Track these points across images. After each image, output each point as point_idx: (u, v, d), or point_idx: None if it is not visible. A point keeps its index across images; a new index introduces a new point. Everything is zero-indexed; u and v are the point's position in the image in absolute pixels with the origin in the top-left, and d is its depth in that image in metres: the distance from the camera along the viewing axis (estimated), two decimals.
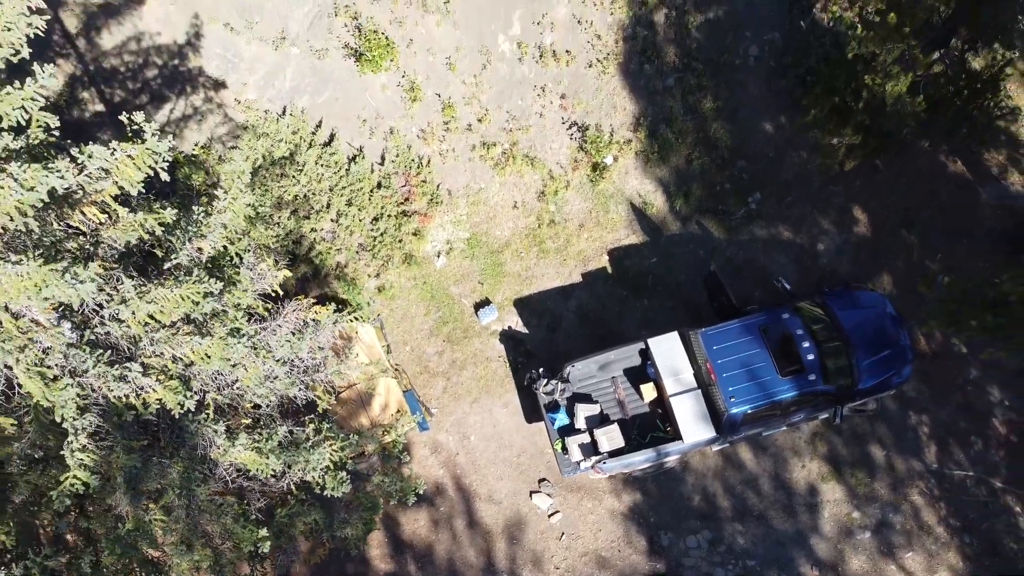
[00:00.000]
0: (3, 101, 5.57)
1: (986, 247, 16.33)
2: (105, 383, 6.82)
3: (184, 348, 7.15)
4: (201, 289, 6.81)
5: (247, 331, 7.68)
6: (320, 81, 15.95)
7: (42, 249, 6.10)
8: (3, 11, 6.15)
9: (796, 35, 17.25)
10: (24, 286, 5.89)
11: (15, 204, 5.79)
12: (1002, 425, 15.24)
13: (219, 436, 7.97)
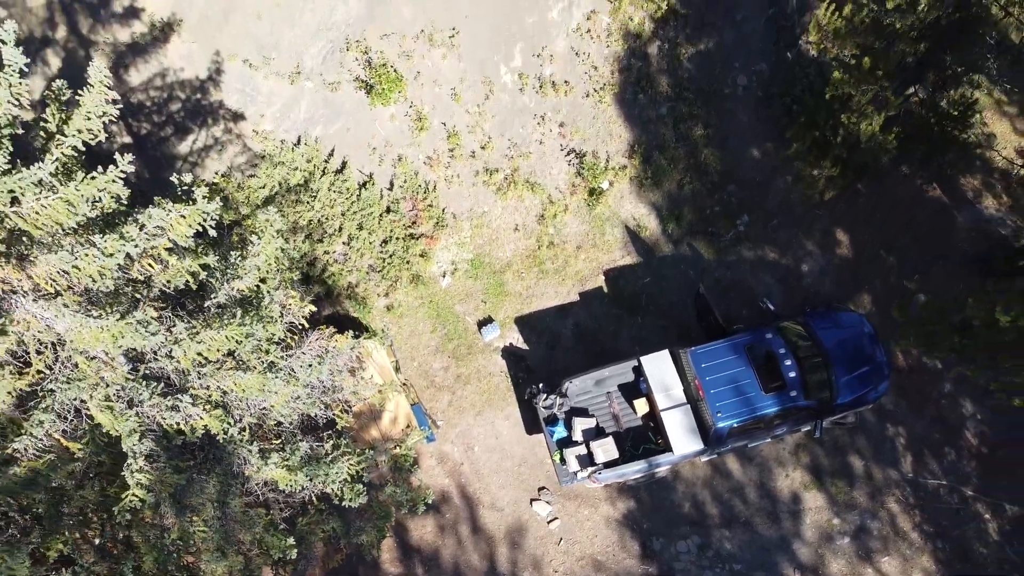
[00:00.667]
0: (89, 185, 6.47)
1: (961, 269, 17.31)
2: (159, 412, 7.79)
3: (228, 381, 8.12)
4: (243, 331, 7.78)
5: (282, 366, 8.64)
6: (333, 112, 16.92)
7: (119, 305, 7.07)
8: (86, 102, 7.06)
9: (783, 66, 18.24)
10: (103, 337, 6.85)
11: (97, 269, 6.76)
12: (973, 437, 16.23)
13: (253, 456, 8.94)
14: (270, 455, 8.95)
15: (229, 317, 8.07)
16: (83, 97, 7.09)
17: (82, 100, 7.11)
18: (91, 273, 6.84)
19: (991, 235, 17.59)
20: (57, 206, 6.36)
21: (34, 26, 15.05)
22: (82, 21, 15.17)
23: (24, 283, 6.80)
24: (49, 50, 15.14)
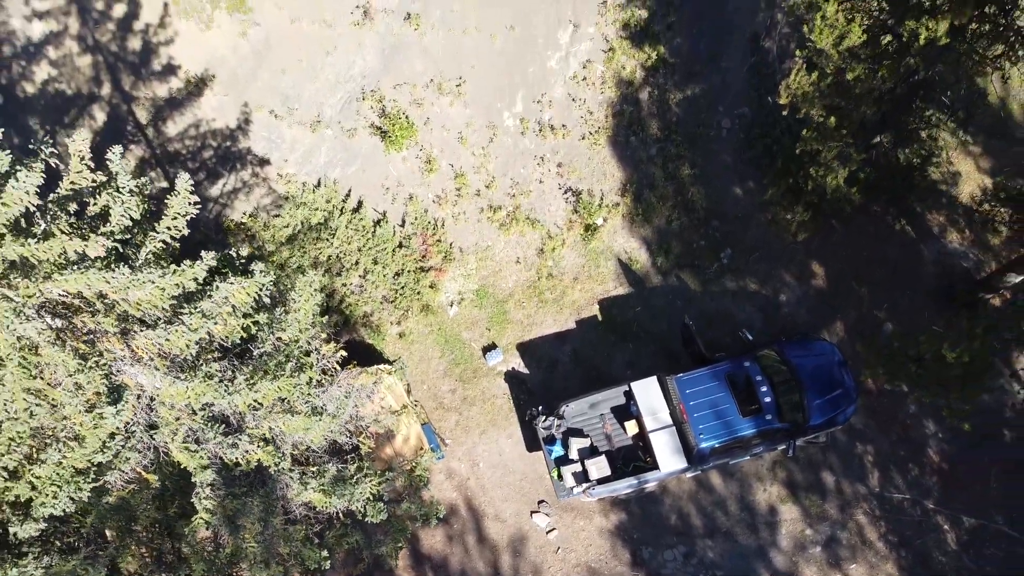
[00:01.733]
0: (182, 275, 7.93)
1: (927, 300, 18.85)
2: (222, 449, 9.29)
3: (278, 423, 9.62)
4: (293, 382, 9.29)
5: (319, 405, 10.15)
6: (350, 156, 18.49)
7: (201, 369, 8.59)
8: (174, 204, 8.56)
9: (764, 110, 19.77)
10: (188, 394, 8.36)
11: (185, 342, 8.28)
12: (935, 454, 17.78)
13: (295, 482, 10.45)
14: (309, 481, 10.47)
15: (277, 367, 9.60)
16: (171, 200, 8.59)
17: (170, 203, 8.60)
18: (180, 345, 8.37)
19: (954, 268, 19.14)
20: (154, 292, 7.87)
21: (81, 84, 16.62)
22: (125, 79, 16.74)
23: (125, 352, 8.32)
24: (95, 105, 16.70)
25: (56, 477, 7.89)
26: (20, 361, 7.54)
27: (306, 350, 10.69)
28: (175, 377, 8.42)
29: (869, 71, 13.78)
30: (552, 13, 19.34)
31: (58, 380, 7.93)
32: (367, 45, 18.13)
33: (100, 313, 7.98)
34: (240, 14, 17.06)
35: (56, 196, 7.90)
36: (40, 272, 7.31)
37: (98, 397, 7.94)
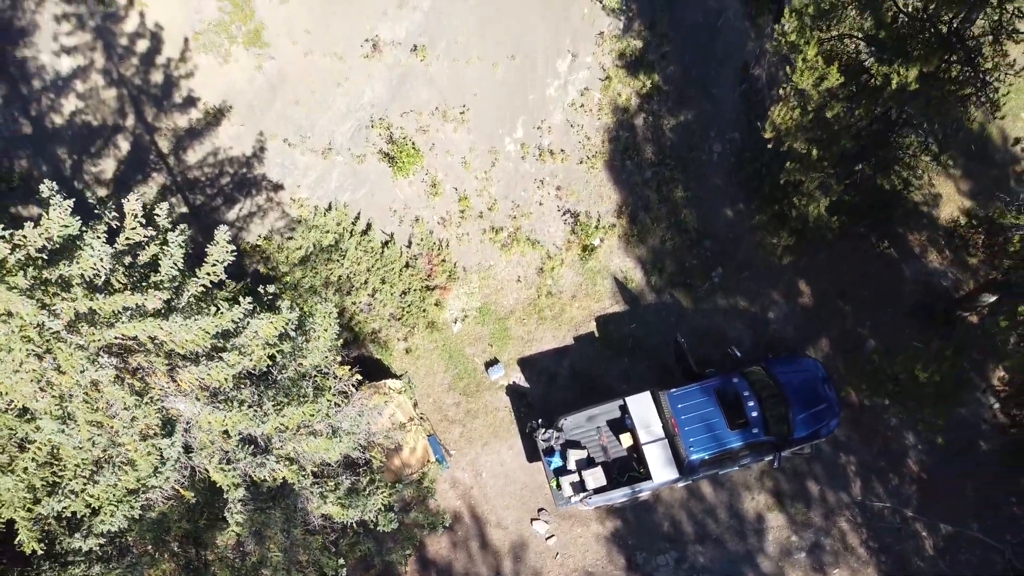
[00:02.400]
0: (222, 318, 8.88)
1: (907, 318, 19.81)
2: (251, 468, 10.24)
3: (302, 444, 10.57)
4: (314, 408, 10.24)
5: (342, 430, 11.11)
6: (359, 180, 19.45)
7: (237, 400, 9.56)
8: (213, 253, 9.51)
9: (753, 135, 20.71)
10: (224, 423, 9.31)
11: (224, 376, 9.22)
12: (914, 465, 18.75)
13: (314, 496, 11.40)
14: (328, 495, 11.42)
15: (300, 392, 10.56)
16: (211, 249, 9.53)
17: (210, 252, 9.55)
18: (219, 378, 9.32)
19: (934, 287, 20.11)
20: (198, 333, 8.81)
21: (107, 115, 17.59)
22: (147, 110, 17.72)
23: (171, 386, 9.26)
24: (120, 136, 17.67)
25: (112, 497, 8.85)
26: (84, 397, 8.49)
27: (324, 374, 11.65)
28: (214, 407, 9.38)
29: (847, 109, 14.75)
30: (551, 43, 20.31)
31: (115, 412, 8.87)
32: (376, 76, 19.09)
33: (151, 353, 8.95)
34: (256, 48, 18.03)
35: (115, 251, 8.84)
36: (104, 320, 8.26)
37: (148, 427, 8.89)
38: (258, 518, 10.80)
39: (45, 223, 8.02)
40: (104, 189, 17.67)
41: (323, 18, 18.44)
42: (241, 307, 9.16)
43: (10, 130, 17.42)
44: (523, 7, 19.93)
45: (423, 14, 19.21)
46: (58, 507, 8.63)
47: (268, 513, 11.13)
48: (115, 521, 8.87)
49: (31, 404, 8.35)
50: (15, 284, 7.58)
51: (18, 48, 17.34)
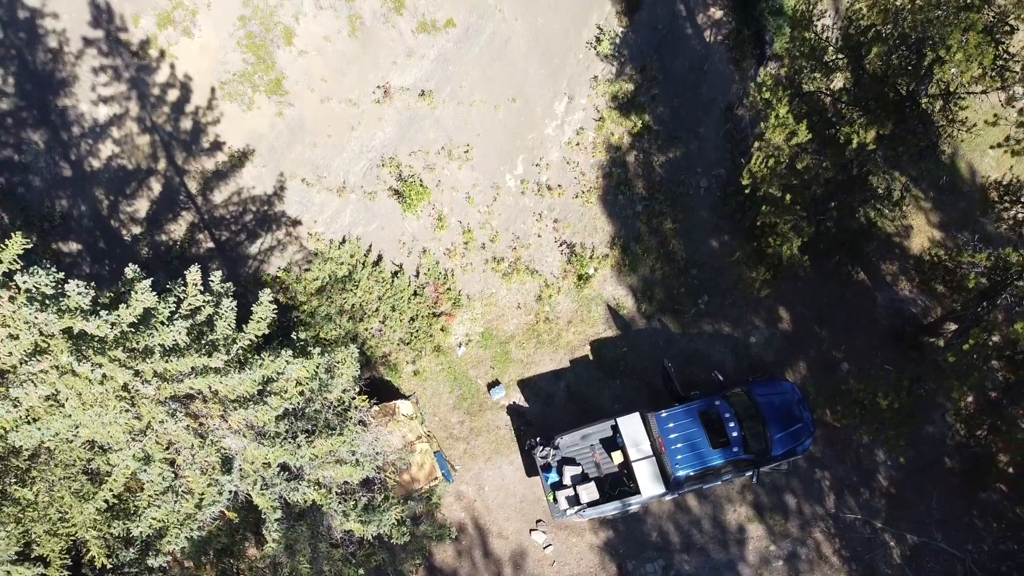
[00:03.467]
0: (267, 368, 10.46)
1: (880, 342, 21.36)
2: (286, 492, 11.75)
3: (330, 471, 12.07)
4: (340, 440, 11.75)
5: (362, 454, 12.62)
6: (371, 215, 20.99)
7: (279, 437, 11.07)
8: (258, 312, 11.03)
9: (737, 171, 22.22)
10: (267, 456, 10.84)
11: (268, 418, 10.74)
12: (884, 479, 20.29)
13: (337, 514, 12.91)
14: (350, 514, 12.93)
15: (326, 423, 12.09)
16: (256, 309, 11.03)
17: (255, 311, 11.05)
18: (263, 419, 10.84)
19: (904, 313, 21.67)
20: (247, 383, 10.32)
21: (140, 159, 19.14)
22: (178, 154, 19.27)
23: (223, 426, 10.77)
24: (152, 178, 19.22)
25: (175, 520, 10.37)
26: (156, 439, 9.97)
27: (346, 406, 13.18)
28: (259, 443, 10.89)
29: (816, 160, 16.31)
30: (549, 87, 21.88)
31: (179, 450, 10.38)
32: (386, 119, 20.65)
33: (209, 400, 10.46)
34: (277, 96, 19.59)
35: (179, 315, 10.34)
36: (175, 378, 9.78)
37: (207, 463, 10.41)
38: (290, 535, 12.32)
39: (134, 303, 9.49)
40: (138, 227, 19.22)
41: (339, 68, 20.00)
42: (283, 359, 10.69)
43: (52, 173, 18.98)
44: (522, 54, 21.50)
45: (430, 62, 20.76)
46: (136, 530, 10.14)
47: (297, 530, 12.66)
48: (179, 541, 10.39)
49: (111, 443, 9.87)
50: (115, 357, 9.10)
51: (59, 98, 18.91)
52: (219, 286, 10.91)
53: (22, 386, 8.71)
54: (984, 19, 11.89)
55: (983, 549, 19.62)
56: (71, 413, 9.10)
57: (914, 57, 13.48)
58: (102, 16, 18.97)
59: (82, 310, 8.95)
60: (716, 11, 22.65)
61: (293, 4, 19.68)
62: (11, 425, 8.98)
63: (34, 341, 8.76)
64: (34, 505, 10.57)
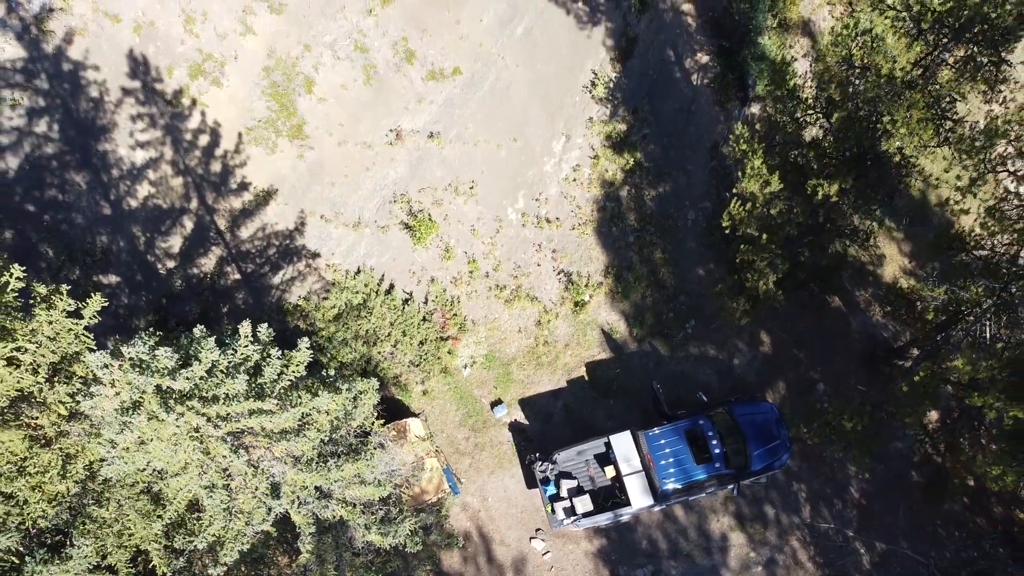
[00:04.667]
0: (307, 406, 12.25)
1: (853, 364, 23.11)
2: (318, 510, 13.48)
3: (355, 492, 13.79)
4: (365, 464, 13.47)
5: (381, 473, 14.37)
6: (384, 247, 22.77)
7: (314, 463, 12.80)
8: (296, 356, 12.76)
9: (722, 204, 23.99)
10: (304, 481, 12.56)
11: (307, 448, 12.49)
12: (855, 491, 22.05)
13: (360, 527, 14.64)
14: (371, 526, 14.69)
15: (350, 447, 13.83)
16: (295, 355, 12.77)
17: (294, 357, 12.79)
18: (303, 449, 12.58)
19: (876, 337, 23.42)
20: (290, 419, 12.05)
21: (174, 199, 20.93)
22: (208, 194, 21.06)
23: (268, 456, 12.51)
24: (185, 216, 21.01)
25: (231, 536, 12.12)
26: (216, 468, 11.72)
27: (367, 430, 14.96)
28: (299, 469, 12.64)
29: (788, 206, 18.08)
30: (548, 127, 23.67)
31: (232, 476, 12.13)
32: (398, 159, 22.44)
33: (258, 434, 12.20)
34: (299, 140, 21.38)
35: (232, 364, 12.08)
36: (234, 418, 11.53)
37: (258, 488, 12.16)
38: (320, 546, 14.07)
39: (204, 360, 11.25)
40: (172, 261, 21.01)
41: (355, 113, 21.80)
42: (322, 398, 12.43)
43: (93, 211, 20.77)
44: (523, 98, 23.29)
45: (438, 107, 22.57)
46: (200, 544, 11.89)
47: (325, 541, 14.41)
48: (232, 554, 12.13)
49: (178, 471, 11.65)
50: (192, 406, 10.85)
51: (100, 143, 20.72)
52: (265, 336, 12.67)
53: (121, 432, 10.47)
54: (926, 98, 13.62)
55: (945, 556, 21.38)
56: (150, 450, 10.85)
57: (869, 124, 15.22)
58: (139, 68, 20.79)
59: (168, 369, 10.72)
60: (702, 56, 24.45)
61: (313, 56, 21.52)
62: (100, 460, 10.72)
63: (132, 397, 10.53)
64: (107, 522, 12.31)
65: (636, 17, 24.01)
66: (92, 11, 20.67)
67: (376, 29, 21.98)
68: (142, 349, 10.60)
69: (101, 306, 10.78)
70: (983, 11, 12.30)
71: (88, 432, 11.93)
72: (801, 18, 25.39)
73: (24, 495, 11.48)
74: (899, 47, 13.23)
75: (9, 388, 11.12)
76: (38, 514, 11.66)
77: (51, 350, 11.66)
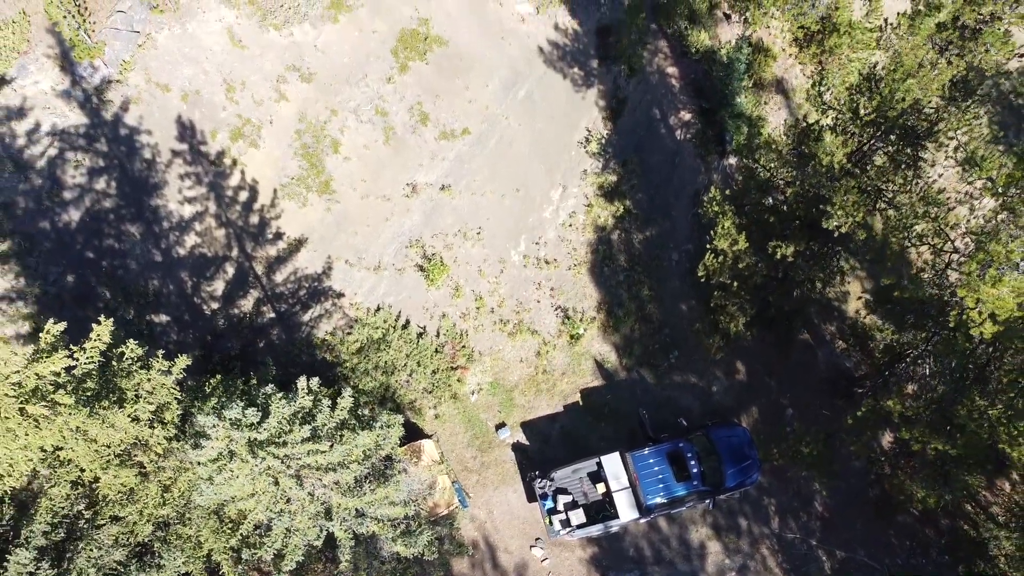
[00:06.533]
0: (353, 442, 14.99)
1: (820, 391, 25.92)
2: (355, 526, 16.22)
3: (385, 510, 16.56)
4: (394, 488, 16.23)
5: (412, 501, 17.13)
6: (400, 287, 25.58)
7: (354, 489, 15.57)
8: (342, 402, 15.55)
9: (702, 247, 26.75)
10: (347, 504, 15.31)
11: (351, 478, 15.27)
12: (819, 505, 24.86)
13: (388, 540, 17.40)
14: (397, 539, 17.47)
15: (380, 472, 16.62)
16: (341, 400, 15.56)
17: (340, 402, 15.58)
18: (347, 480, 15.33)
19: (840, 367, 26.24)
20: (338, 454, 14.85)
21: (218, 248, 23.74)
22: (247, 243, 23.88)
23: (318, 483, 15.33)
24: (227, 263, 23.82)
25: (292, 548, 14.90)
26: (281, 496, 14.49)
27: (394, 458, 17.80)
28: (342, 494, 15.42)
29: (753, 262, 20.90)
30: (547, 179, 26.48)
31: (291, 501, 14.91)
32: (413, 209, 25.27)
33: (314, 468, 14.98)
34: (326, 195, 24.21)
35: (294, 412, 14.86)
36: (296, 457, 14.31)
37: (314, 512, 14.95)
38: (355, 556, 16.85)
39: (275, 412, 14.07)
40: (216, 303, 23.83)
41: (376, 171, 24.63)
42: (364, 437, 15.24)
43: (145, 258, 23.58)
44: (525, 153, 26.11)
45: (449, 163, 25.39)
46: (267, 556, 14.68)
47: (359, 552, 17.22)
48: (291, 564, 14.90)
49: (246, 497, 14.48)
50: (270, 451, 13.64)
51: (152, 198, 23.54)
52: (316, 388, 15.47)
53: (220, 472, 13.31)
54: (861, 183, 16.36)
55: (897, 563, 24.20)
56: (234, 483, 13.66)
57: (816, 202, 18.02)
58: (186, 132, 23.64)
59: (253, 424, 13.53)
60: (685, 114, 27.28)
61: (339, 119, 24.37)
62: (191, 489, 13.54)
63: (229, 447, 13.34)
64: (189, 538, 15.08)
65: (626, 80, 26.84)
66: (145, 82, 23.51)
67: (394, 95, 24.82)
68: (238, 412, 13.38)
69: (185, 364, 13.53)
70: (900, 121, 15.02)
71: (178, 468, 14.74)
72: (775, 76, 28.24)
73: (132, 518, 14.30)
74: (836, 143, 16.01)
75: (130, 437, 13.94)
76: (142, 533, 14.47)
77: (150, 402, 14.45)
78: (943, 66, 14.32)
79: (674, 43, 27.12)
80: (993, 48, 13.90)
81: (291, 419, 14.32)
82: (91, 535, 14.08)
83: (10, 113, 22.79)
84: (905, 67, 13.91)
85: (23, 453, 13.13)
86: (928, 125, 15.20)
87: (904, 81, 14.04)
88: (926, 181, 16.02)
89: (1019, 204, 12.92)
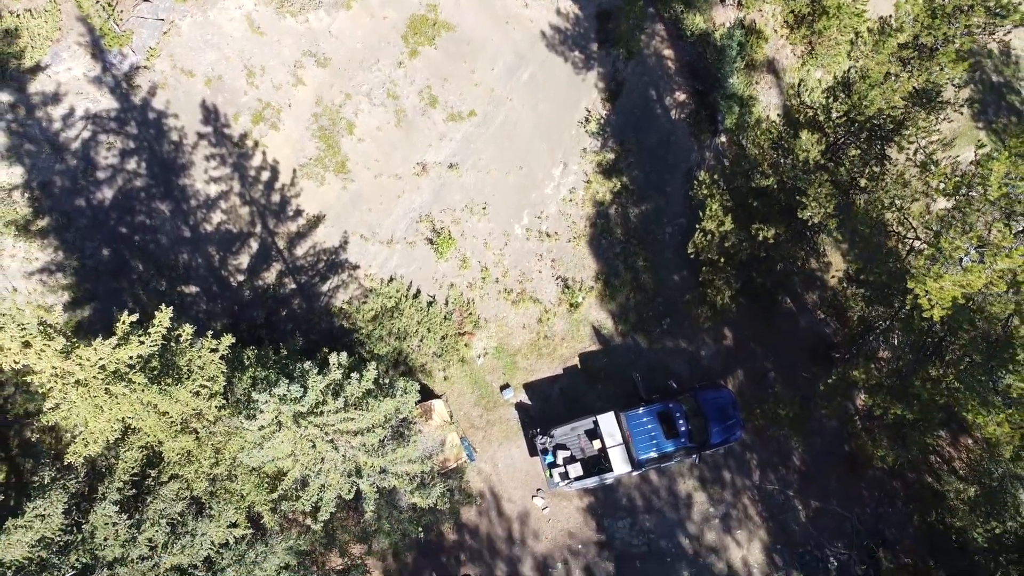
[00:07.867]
0: (379, 409, 17.12)
1: (801, 355, 27.97)
2: (379, 481, 18.38)
3: (404, 467, 18.70)
4: (413, 448, 18.31)
5: (427, 458, 19.25)
6: (411, 259, 27.44)
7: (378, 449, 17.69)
8: (367, 374, 17.58)
9: (695, 221, 28.52)
10: (373, 463, 17.45)
11: (375, 440, 17.35)
12: (797, 459, 27.17)
13: (406, 492, 19.62)
14: (414, 491, 19.69)
15: (399, 435, 18.78)
16: (366, 373, 17.53)
17: (365, 374, 17.54)
18: (372, 442, 17.42)
19: (820, 333, 28.25)
20: (366, 420, 16.88)
21: (242, 225, 25.54)
22: (269, 220, 25.66)
23: (348, 447, 17.39)
24: (251, 239, 25.64)
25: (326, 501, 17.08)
26: (317, 457, 16.60)
27: (410, 420, 19.94)
28: (368, 455, 17.56)
29: (739, 240, 22.71)
30: (548, 157, 28.08)
31: (324, 460, 17.05)
32: (423, 187, 26.95)
33: (344, 433, 17.03)
34: (343, 174, 25.88)
35: (328, 385, 16.84)
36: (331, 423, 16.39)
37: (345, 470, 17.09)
38: (378, 507, 19.11)
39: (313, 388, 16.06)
40: (241, 275, 25.71)
41: (388, 151, 26.24)
42: (388, 404, 17.28)
43: (175, 234, 25.39)
44: (527, 133, 27.66)
45: (457, 143, 26.98)
46: (306, 507, 16.91)
47: (381, 503, 19.48)
48: (326, 515, 17.14)
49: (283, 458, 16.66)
50: (311, 421, 15.69)
51: (179, 178, 25.23)
52: (347, 362, 17.47)
53: (270, 439, 15.43)
54: (836, 176, 18.05)
55: (866, 512, 26.59)
56: (277, 447, 15.82)
57: (794, 191, 19.73)
58: (211, 116, 25.20)
59: (297, 399, 15.58)
60: (680, 95, 28.72)
61: (353, 103, 25.88)
62: (239, 451, 15.67)
63: (278, 420, 15.41)
64: (236, 492, 17.29)
65: (624, 63, 28.22)
66: (171, 68, 24.98)
67: (405, 79, 26.28)
68: (285, 389, 15.40)
69: (230, 342, 15.53)
70: (868, 124, 16.63)
71: (226, 432, 16.86)
72: (766, 57, 29.58)
73: (190, 476, 16.51)
74: (812, 140, 17.66)
75: (190, 409, 16.08)
76: (199, 489, 16.70)
77: (203, 377, 16.48)
78: (904, 78, 15.87)
79: (670, 27, 28.41)
80: (947, 67, 15.47)
81: (325, 391, 16.35)
82: (157, 491, 16.33)
83: (46, 98, 24.33)
84: (871, 79, 15.47)
85: (109, 424, 15.27)
86: (894, 126, 16.82)
87: (871, 91, 15.61)
88: (891, 177, 17.71)
89: (966, 205, 14.66)
